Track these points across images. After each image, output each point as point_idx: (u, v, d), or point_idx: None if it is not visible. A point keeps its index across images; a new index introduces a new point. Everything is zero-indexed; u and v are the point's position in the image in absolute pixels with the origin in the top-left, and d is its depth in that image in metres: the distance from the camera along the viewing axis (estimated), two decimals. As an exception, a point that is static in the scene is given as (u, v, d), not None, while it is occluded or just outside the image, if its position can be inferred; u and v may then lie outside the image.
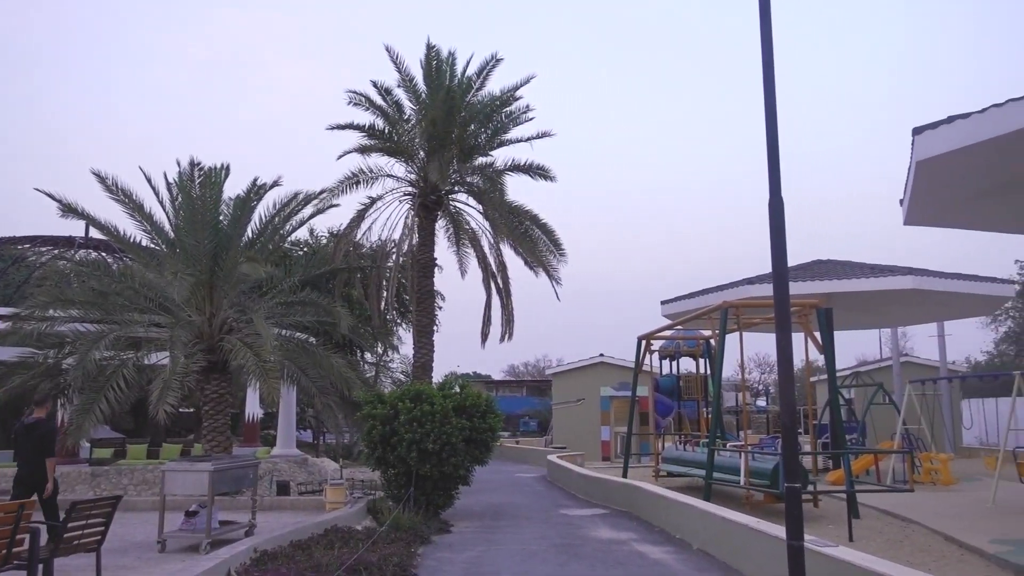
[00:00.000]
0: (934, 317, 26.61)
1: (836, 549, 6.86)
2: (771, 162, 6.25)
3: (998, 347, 35.93)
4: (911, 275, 18.28)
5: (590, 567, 9.15)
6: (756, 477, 13.21)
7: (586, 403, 32.01)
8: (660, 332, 19.91)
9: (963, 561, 9.50)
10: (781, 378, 6.34)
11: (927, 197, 11.28)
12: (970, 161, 10.01)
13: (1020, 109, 8.31)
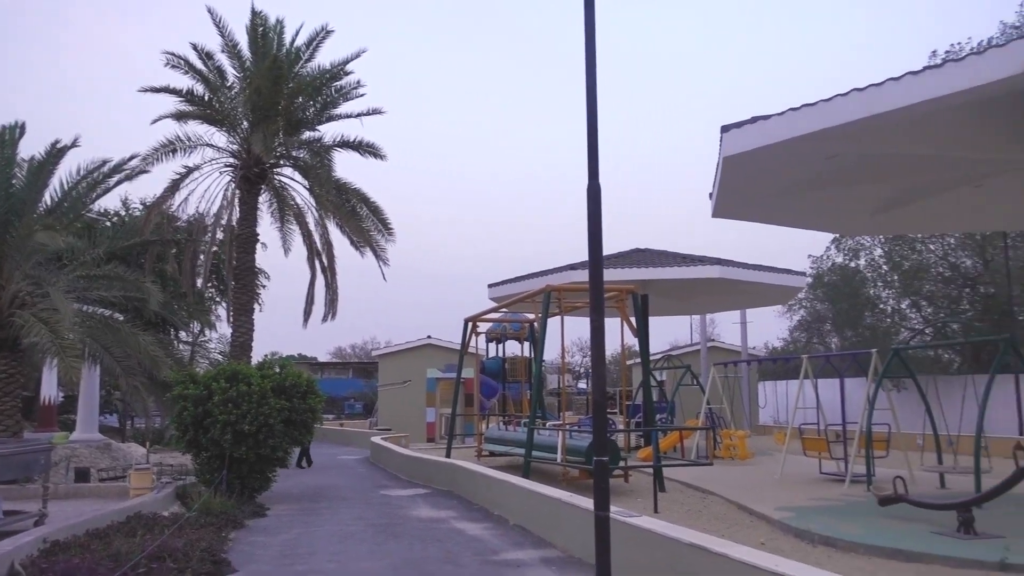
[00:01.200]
0: (738, 305, 28.65)
1: (639, 519, 7.25)
2: (590, 147, 6.46)
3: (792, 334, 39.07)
4: (718, 265, 19.57)
5: (408, 545, 9.17)
6: (572, 455, 13.73)
7: (412, 385, 31.99)
8: (486, 314, 20.19)
9: (752, 527, 10.34)
10: (594, 358, 6.59)
11: (733, 192, 12.09)
12: (771, 159, 10.83)
13: (812, 114, 9.07)
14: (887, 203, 13.71)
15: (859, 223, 15.38)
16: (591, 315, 6.42)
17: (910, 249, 31.08)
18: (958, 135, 10.32)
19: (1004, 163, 10.95)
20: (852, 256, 32.72)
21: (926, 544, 8.28)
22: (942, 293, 31.56)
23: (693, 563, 6.07)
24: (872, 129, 9.92)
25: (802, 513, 10.60)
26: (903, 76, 8.28)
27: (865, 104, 8.55)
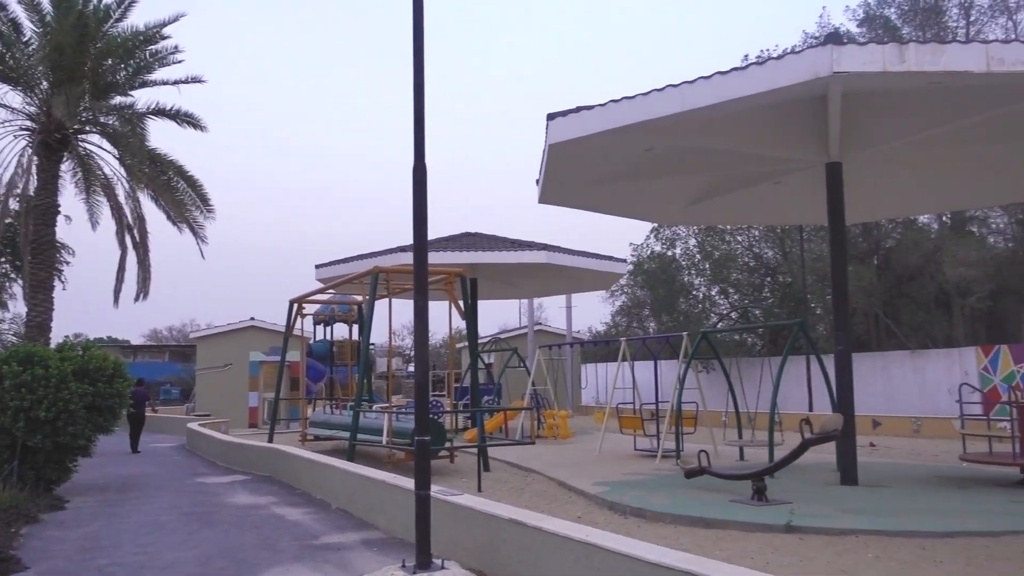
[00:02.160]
0: (564, 290, 29.62)
1: (461, 497, 7.35)
2: (416, 127, 6.43)
3: (614, 319, 40.84)
4: (545, 251, 20.13)
5: (223, 533, 8.83)
6: (399, 437, 13.71)
7: (234, 369, 30.70)
8: (312, 296, 19.70)
9: (571, 502, 10.76)
10: (417, 339, 6.61)
11: (557, 179, 12.46)
12: (593, 149, 11.25)
13: (631, 107, 9.50)
14: (699, 195, 14.61)
15: (674, 213, 16.29)
16: (415, 296, 6.42)
17: (720, 240, 33.26)
18: (761, 134, 11.16)
19: (800, 162, 11.95)
20: (669, 245, 34.57)
21: (724, 512, 8.94)
22: (747, 281, 34.02)
23: (511, 537, 6.24)
24: (685, 124, 10.53)
25: (616, 487, 11.14)
26: (713, 75, 8.84)
27: (678, 100, 9.06)
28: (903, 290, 28.27)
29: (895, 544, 7.49)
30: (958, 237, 26.68)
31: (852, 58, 8.07)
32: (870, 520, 8.28)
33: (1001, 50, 7.94)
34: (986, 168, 13.18)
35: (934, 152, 12.39)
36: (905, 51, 8.06)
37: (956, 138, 11.54)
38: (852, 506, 9.20)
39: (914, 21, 28.77)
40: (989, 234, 29.27)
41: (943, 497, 9.87)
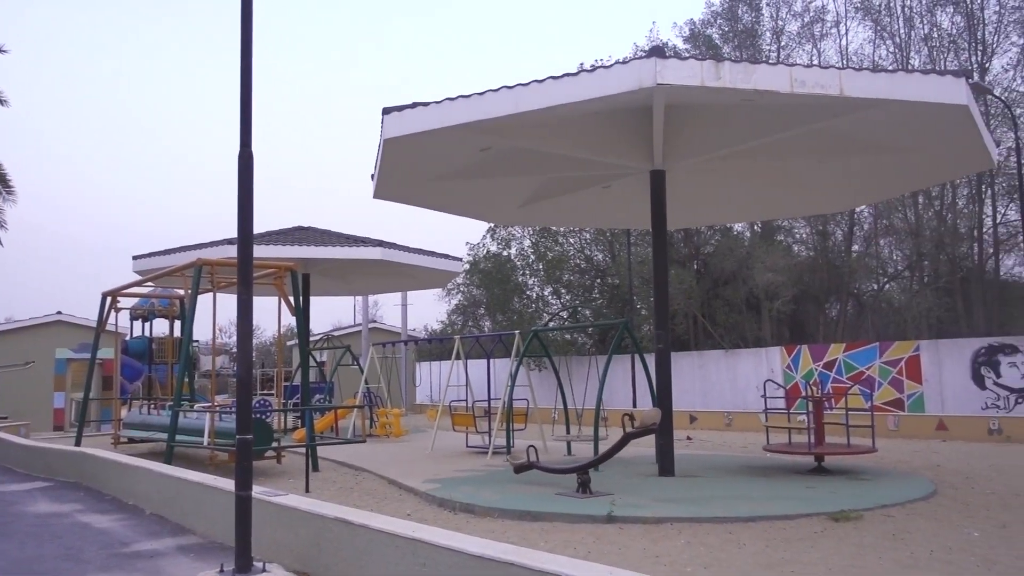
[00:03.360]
0: (400, 287, 29.42)
1: (285, 497, 7.14)
2: (243, 112, 6.18)
3: (450, 317, 41.00)
4: (380, 247, 19.90)
5: (19, 544, 8.10)
6: (222, 437, 13.12)
7: (36, 367, 28.23)
8: (128, 288, 18.46)
9: (401, 500, 10.71)
10: (240, 334, 6.35)
11: (393, 174, 12.37)
12: (429, 145, 11.25)
13: (467, 105, 9.59)
14: (532, 196, 14.95)
15: (509, 213, 16.59)
16: (238, 289, 6.17)
17: (553, 241, 34.17)
18: (591, 139, 11.58)
19: (627, 168, 12.50)
20: (505, 245, 35.14)
21: (550, 504, 9.21)
22: (578, 282, 35.14)
23: (337, 536, 6.12)
24: (519, 125, 10.76)
25: (447, 484, 11.20)
26: (546, 79, 9.08)
27: (513, 101, 9.24)
28: (719, 293, 30.20)
29: (704, 529, 7.99)
30: (767, 245, 28.81)
31: (674, 71, 8.55)
32: (683, 508, 8.79)
33: (803, 73, 8.67)
34: (792, 182, 14.32)
35: (747, 165, 13.32)
36: (721, 68, 8.63)
37: (767, 152, 12.47)
38: (668, 496, 9.73)
39: (733, 42, 30.81)
40: (794, 243, 31.83)
41: (748, 485, 10.63)
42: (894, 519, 8.44)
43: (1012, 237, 26.72)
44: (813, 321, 30.62)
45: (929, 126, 10.51)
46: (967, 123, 9.99)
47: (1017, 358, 21.01)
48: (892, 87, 8.86)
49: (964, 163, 12.82)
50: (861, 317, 31.72)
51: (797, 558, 6.76)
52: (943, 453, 15.20)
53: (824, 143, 12.00)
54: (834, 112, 10.17)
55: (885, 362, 23.49)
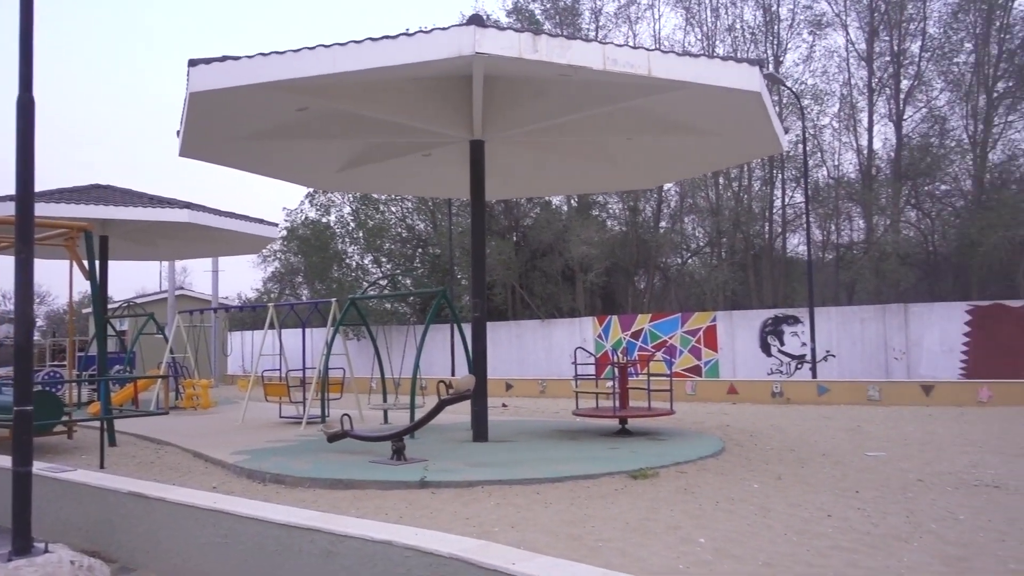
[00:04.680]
0: (210, 253, 27.93)
1: (73, 473, 6.64)
2: (23, 50, 5.59)
3: (266, 285, 39.56)
4: (188, 209, 18.77)
5: None
6: (2, 412, 11.98)
7: None
8: None
9: (207, 473, 10.26)
10: (18, 296, 5.78)
11: (201, 132, 11.67)
12: (240, 103, 10.71)
13: (281, 62, 9.18)
14: (351, 161, 14.63)
15: (326, 178, 16.15)
16: (16, 246, 5.61)
17: (375, 210, 33.72)
18: (411, 106, 11.47)
19: (447, 137, 12.50)
20: (324, 212, 34.28)
21: (363, 472, 9.15)
22: (400, 251, 34.94)
23: (132, 512, 5.78)
24: (337, 86, 10.46)
25: (257, 455, 10.85)
26: (364, 41, 8.86)
27: (330, 62, 8.95)
28: (537, 264, 31.06)
29: (514, 491, 8.25)
30: (583, 219, 29.92)
31: (492, 41, 8.60)
32: (494, 472, 9.02)
33: (615, 52, 9.01)
34: (605, 158, 14.90)
35: (564, 139, 13.71)
36: (538, 41, 8.78)
37: (582, 128, 12.88)
38: (481, 460, 9.95)
39: (555, 19, 31.49)
40: (608, 218, 33.25)
41: (557, 448, 11.07)
42: (687, 475, 9.09)
43: (798, 218, 29.31)
44: (623, 292, 32.22)
45: (727, 110, 11.26)
46: (760, 109, 10.80)
47: (798, 328, 23.16)
48: (695, 71, 9.41)
49: (758, 147, 13.86)
50: (666, 289, 33.75)
51: (598, 514, 7.14)
52: (732, 415, 16.53)
53: (635, 122, 12.56)
54: (644, 92, 10.66)
55: (686, 331, 25.17)
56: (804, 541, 6.10)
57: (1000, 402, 17.01)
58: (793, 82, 28.09)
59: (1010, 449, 10.88)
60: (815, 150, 29.02)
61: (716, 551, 5.84)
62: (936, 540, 6.08)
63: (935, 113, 27.78)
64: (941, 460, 10.01)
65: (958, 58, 26.95)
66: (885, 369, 22.02)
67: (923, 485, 8.38)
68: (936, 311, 21.65)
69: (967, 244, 24.78)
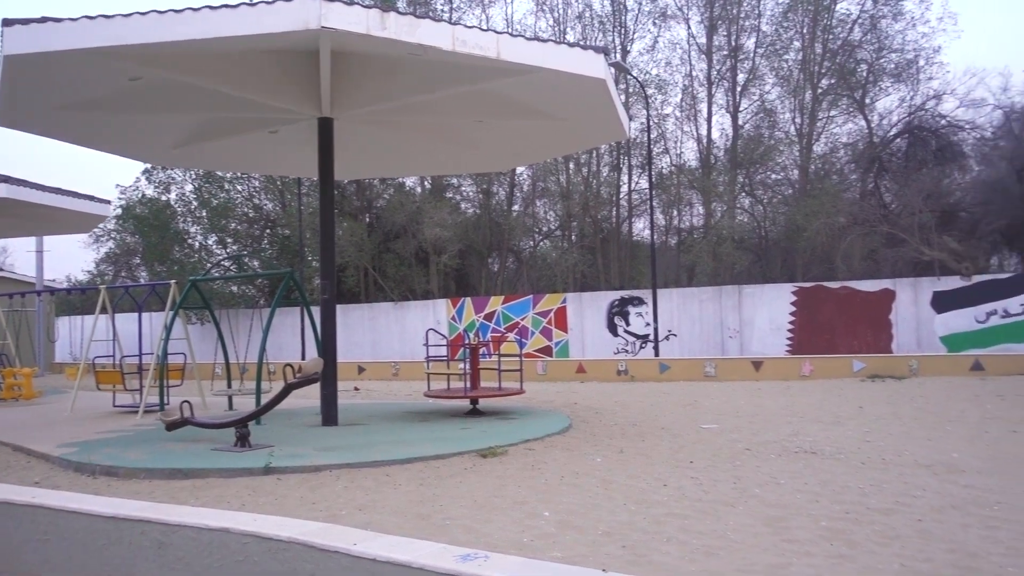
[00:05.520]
0: (34, 231, 25.83)
1: None
2: None
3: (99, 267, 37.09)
4: (5, 184, 17.25)
5: None
6: None
7: None
8: None
9: (29, 468, 9.54)
10: None
11: (18, 98, 10.74)
12: (65, 68, 9.93)
13: (110, 27, 8.56)
14: (191, 136, 13.92)
15: (164, 153, 15.29)
16: None
17: (219, 188, 32.28)
18: (256, 79, 11.02)
19: (294, 113, 12.11)
20: (164, 189, 32.48)
21: (204, 460, 8.79)
22: (247, 232, 33.68)
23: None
24: (174, 56, 9.90)
25: (87, 447, 10.20)
26: (202, 8, 8.42)
27: (164, 28, 8.44)
28: (390, 246, 30.77)
29: (363, 474, 8.17)
30: (436, 201, 29.87)
31: (339, 16, 8.39)
32: (343, 455, 8.90)
33: (464, 33, 9.01)
34: (458, 139, 14.91)
35: (416, 120, 13.60)
36: (387, 19, 8.65)
37: (434, 109, 12.81)
38: (330, 444, 9.78)
39: (409, -2, 31.10)
40: (461, 200, 33.36)
41: (408, 430, 11.05)
42: (534, 452, 9.32)
43: (643, 203, 30.51)
44: (477, 275, 32.48)
45: (575, 96, 11.52)
46: (605, 96, 11.12)
47: (643, 308, 24.15)
48: (543, 55, 9.56)
49: (604, 133, 14.29)
50: (519, 272, 34.30)
51: (447, 493, 7.19)
52: (581, 393, 17.07)
53: (486, 104, 12.62)
54: (494, 75, 10.73)
55: (538, 313, 25.71)
56: (641, 510, 6.40)
57: (820, 375, 18.46)
58: (639, 72, 29.12)
59: (826, 418, 11.84)
60: (659, 138, 30.27)
61: (559, 523, 6.03)
62: (759, 503, 6.54)
63: (767, 106, 29.61)
64: (767, 430, 10.76)
65: (788, 55, 28.82)
66: (721, 347, 23.36)
67: (750, 453, 8.98)
68: (766, 292, 23.17)
69: (793, 230, 26.63)
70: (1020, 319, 19.89)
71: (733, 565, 4.91)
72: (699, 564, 4.95)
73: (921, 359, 18.55)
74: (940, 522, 5.81)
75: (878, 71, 28.13)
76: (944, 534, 5.50)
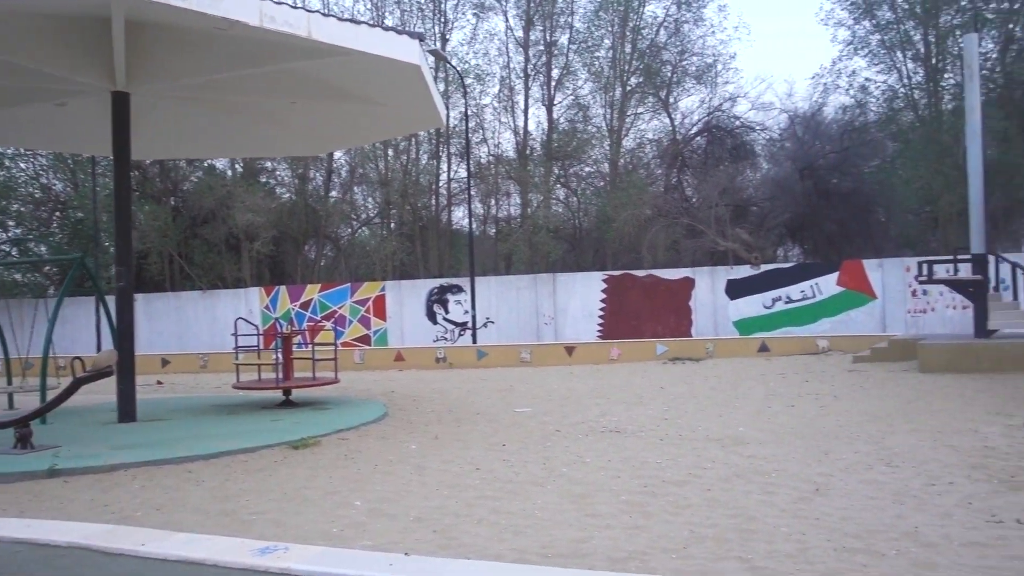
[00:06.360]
0: None
1: None
2: None
3: None
4: None
5: None
6: None
7: None
8: None
9: None
10: None
11: None
12: None
13: None
14: (-40, 106, 12.49)
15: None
16: None
17: (-1, 165, 29.26)
18: (40, 45, 10.03)
19: (86, 86, 11.15)
20: (-71, 165, 28.98)
21: (-24, 465, 7.95)
22: (32, 214, 30.79)
23: None
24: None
25: None
26: (-30, -37, 7.55)
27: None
28: (198, 232, 29.16)
29: (163, 472, 7.70)
30: (249, 185, 28.64)
31: (132, -19, 7.81)
32: (140, 453, 8.35)
33: (273, 9, 8.64)
34: (271, 121, 14.32)
35: (226, 98, 12.93)
36: (187, -12, 8.13)
37: (245, 87, 12.22)
38: (126, 442, 9.15)
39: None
40: (276, 185, 32.19)
41: (215, 424, 10.55)
42: (348, 441, 9.18)
43: (462, 192, 30.76)
44: (292, 262, 31.47)
45: (391, 81, 11.39)
46: (420, 83, 11.08)
47: (461, 296, 24.39)
48: (356, 37, 9.36)
49: (421, 120, 14.26)
50: (337, 259, 33.60)
51: (254, 487, 6.93)
52: (399, 381, 17.00)
53: (300, 85, 12.20)
54: (307, 55, 10.37)
55: (356, 301, 25.32)
56: (454, 494, 6.47)
57: (627, 359, 19.47)
58: (458, 61, 29.28)
59: (631, 399, 12.50)
60: (478, 128, 30.62)
61: (370, 511, 5.97)
62: (566, 481, 6.79)
63: (580, 101, 30.71)
64: (577, 412, 11.21)
65: (599, 52, 30.02)
66: (537, 333, 24.05)
67: (560, 435, 9.31)
68: (579, 280, 24.08)
69: (604, 220, 27.85)
70: (801, 305, 21.90)
71: (539, 542, 5.08)
72: (507, 543, 5.07)
73: (716, 342, 20.01)
74: (726, 490, 6.29)
75: (681, 73, 29.95)
76: (729, 501, 5.96)
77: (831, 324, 21.23)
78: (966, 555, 4.57)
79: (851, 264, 21.77)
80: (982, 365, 13.63)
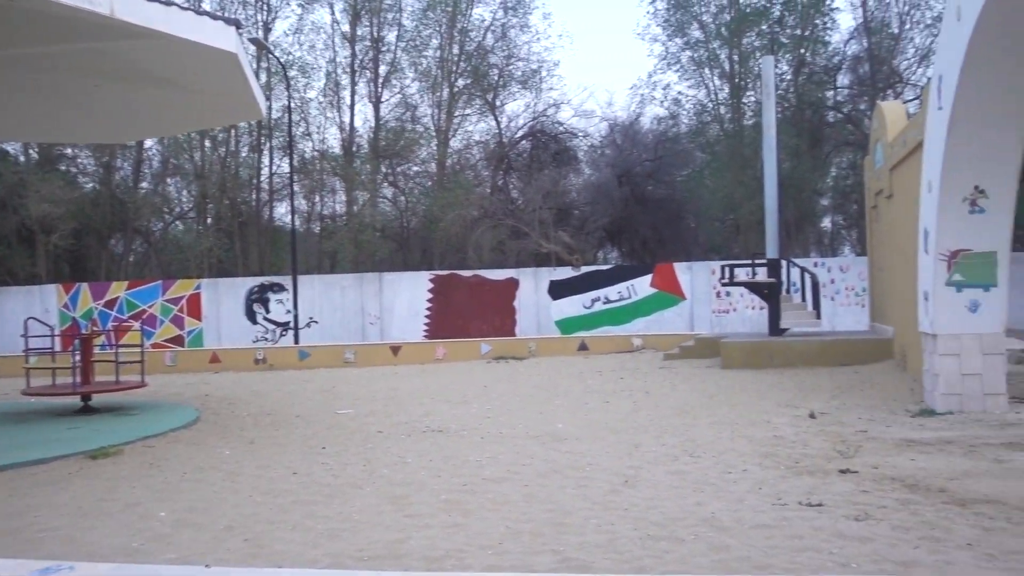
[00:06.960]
0: None
1: None
2: None
3: None
4: None
5: None
6: None
7: None
8: None
9: None
10: None
11: None
12: None
13: None
14: None
15: None
16: None
17: None
18: None
19: None
20: None
21: None
22: None
23: None
24: None
25: None
26: None
27: None
28: (-16, 223, 26.42)
29: (-67, 489, 6.92)
30: (45, 173, 26.32)
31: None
32: (-93, 468, 7.46)
33: (70, -16, 7.96)
34: (72, 104, 13.19)
35: (19, 76, 11.77)
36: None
37: (39, 65, 11.20)
38: None
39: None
40: (78, 174, 29.76)
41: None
42: (154, 449, 8.64)
43: (284, 187, 29.77)
44: (96, 258, 29.20)
45: (206, 68, 10.81)
46: (237, 72, 10.58)
47: (283, 295, 23.62)
48: (165, 19, 8.79)
49: (239, 111, 13.64)
50: (147, 255, 31.54)
51: (45, 502, 6.38)
52: (214, 384, 16.20)
53: (106, 66, 11.31)
54: (111, 34, 9.63)
55: (168, 300, 23.89)
56: (268, 500, 6.25)
57: (452, 358, 19.58)
58: (282, 52, 28.30)
59: (455, 398, 12.59)
60: (302, 122, 29.74)
61: (176, 523, 5.65)
62: (386, 483, 6.74)
63: (408, 100, 30.56)
64: (400, 412, 11.15)
65: (427, 52, 30.00)
66: (362, 333, 23.68)
67: (382, 435, 9.23)
68: (406, 279, 23.95)
69: (431, 220, 27.87)
70: (618, 305, 22.91)
71: (355, 545, 5.00)
72: (322, 548, 4.96)
73: (539, 341, 20.54)
74: (543, 486, 6.47)
75: (507, 76, 30.47)
76: (545, 496, 6.13)
77: (645, 323, 22.34)
78: (755, 536, 4.95)
79: (663, 267, 23.05)
80: (775, 361, 14.83)
